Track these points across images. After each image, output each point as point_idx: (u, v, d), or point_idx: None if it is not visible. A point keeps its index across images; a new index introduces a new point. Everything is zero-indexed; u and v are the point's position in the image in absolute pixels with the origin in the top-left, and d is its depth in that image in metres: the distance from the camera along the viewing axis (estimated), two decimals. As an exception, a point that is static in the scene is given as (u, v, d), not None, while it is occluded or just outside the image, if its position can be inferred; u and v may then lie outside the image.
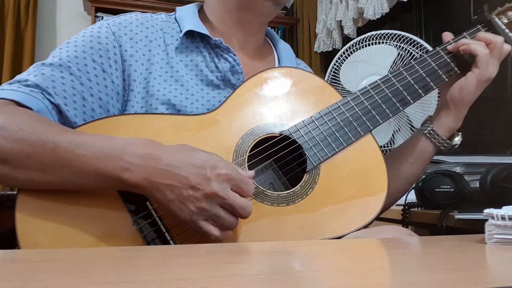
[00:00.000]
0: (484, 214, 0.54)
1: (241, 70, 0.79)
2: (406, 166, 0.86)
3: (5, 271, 0.41)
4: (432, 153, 0.85)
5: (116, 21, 0.78)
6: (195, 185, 0.58)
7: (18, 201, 0.61)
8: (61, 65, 0.71)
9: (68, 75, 0.70)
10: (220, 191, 0.58)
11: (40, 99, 0.67)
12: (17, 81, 0.69)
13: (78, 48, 0.73)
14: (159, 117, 0.71)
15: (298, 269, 0.43)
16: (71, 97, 0.70)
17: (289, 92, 0.76)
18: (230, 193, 0.59)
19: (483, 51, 0.78)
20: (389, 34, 1.39)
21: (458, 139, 0.84)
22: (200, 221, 0.59)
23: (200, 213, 0.59)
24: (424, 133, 0.84)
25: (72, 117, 0.69)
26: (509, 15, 0.86)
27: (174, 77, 0.75)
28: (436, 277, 0.37)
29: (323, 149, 0.72)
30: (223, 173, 0.59)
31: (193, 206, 0.59)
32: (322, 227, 0.67)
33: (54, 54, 0.73)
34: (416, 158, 0.85)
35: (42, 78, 0.68)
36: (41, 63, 0.71)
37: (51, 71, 0.70)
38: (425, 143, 0.84)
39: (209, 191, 0.58)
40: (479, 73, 0.79)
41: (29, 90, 0.67)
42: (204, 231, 0.60)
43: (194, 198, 0.58)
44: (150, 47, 0.77)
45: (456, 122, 0.83)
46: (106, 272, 0.40)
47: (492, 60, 0.79)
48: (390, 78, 0.79)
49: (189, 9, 0.85)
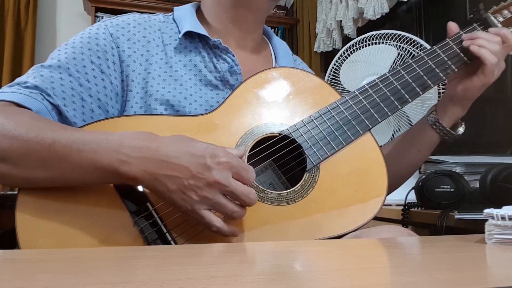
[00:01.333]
0: (484, 214, 0.54)
1: (239, 71, 0.79)
2: (413, 153, 0.89)
3: (5, 271, 0.41)
4: (436, 142, 0.88)
5: (114, 22, 0.78)
6: (196, 174, 0.58)
7: (19, 202, 0.61)
8: (59, 66, 0.71)
9: (67, 76, 0.71)
10: (221, 179, 0.58)
11: (39, 100, 0.67)
12: (16, 84, 0.69)
13: (76, 49, 0.73)
14: (158, 118, 0.71)
15: (298, 269, 0.43)
16: (70, 98, 0.70)
17: (288, 92, 0.76)
18: (232, 181, 0.59)
19: (492, 61, 0.79)
20: (389, 34, 1.39)
21: (462, 129, 0.87)
22: (203, 211, 0.59)
23: (202, 201, 0.59)
24: (430, 124, 0.87)
25: (71, 118, 0.69)
26: (504, 13, 0.86)
27: (174, 77, 0.76)
28: (436, 277, 0.37)
29: (323, 148, 0.72)
30: (223, 161, 0.59)
31: (195, 195, 0.58)
32: (322, 226, 0.67)
33: (52, 56, 0.74)
34: (422, 146, 0.89)
35: (41, 80, 0.69)
36: (40, 65, 0.72)
37: (50, 73, 0.70)
38: (430, 132, 0.87)
39: (211, 179, 0.58)
40: (485, 79, 0.81)
41: (29, 91, 0.67)
42: (206, 221, 0.59)
43: (196, 187, 0.58)
44: (148, 47, 0.77)
45: (461, 113, 0.87)
46: (106, 272, 0.40)
47: (499, 62, 0.80)
48: (388, 77, 0.80)
49: (186, 9, 0.85)
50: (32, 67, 0.73)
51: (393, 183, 0.78)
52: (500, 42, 0.81)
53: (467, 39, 0.82)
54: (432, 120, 0.87)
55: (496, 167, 0.92)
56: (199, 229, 0.62)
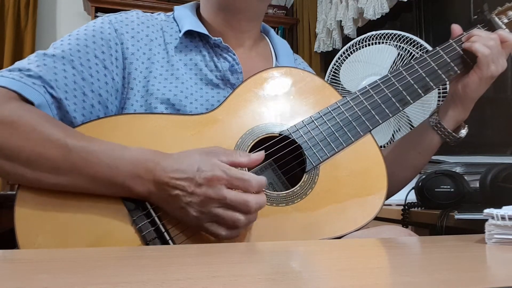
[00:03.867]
0: (484, 214, 0.54)
1: (240, 70, 0.79)
2: (414, 155, 0.88)
3: (5, 271, 0.41)
4: (438, 144, 0.87)
5: (118, 18, 0.77)
6: (191, 192, 0.59)
7: (18, 197, 0.61)
8: (63, 57, 0.70)
9: (71, 69, 0.70)
10: (212, 194, 0.59)
11: (42, 93, 0.66)
12: (18, 69, 0.67)
13: (81, 41, 0.72)
14: (158, 117, 0.71)
15: (298, 269, 0.43)
16: (72, 91, 0.69)
17: (288, 92, 0.76)
18: (225, 193, 0.59)
19: (484, 52, 0.78)
20: (389, 34, 1.39)
21: (464, 131, 0.86)
22: (205, 224, 0.60)
23: (202, 217, 0.60)
24: (431, 126, 0.86)
25: (71, 112, 0.69)
26: (509, 14, 0.86)
27: (175, 75, 0.75)
28: (436, 277, 0.37)
29: (323, 149, 0.72)
30: (211, 176, 0.59)
31: (194, 211, 0.60)
32: (322, 227, 0.67)
33: (55, 45, 0.72)
34: (423, 148, 0.88)
35: (45, 70, 0.67)
36: (42, 52, 0.70)
37: (53, 63, 0.69)
38: (432, 135, 0.86)
39: (202, 196, 0.59)
40: (480, 72, 0.80)
41: (32, 82, 0.66)
42: (211, 233, 0.61)
43: (193, 203, 0.60)
44: (150, 46, 0.77)
45: (463, 114, 0.85)
46: (106, 272, 0.40)
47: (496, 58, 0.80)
48: (390, 78, 0.79)
49: (186, 9, 0.85)
50: (34, 53, 0.71)
51: (393, 186, 0.77)
52: (496, 38, 0.80)
53: (466, 39, 0.82)
54: (434, 122, 0.86)
55: (496, 167, 0.92)
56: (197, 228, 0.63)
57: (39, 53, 0.70)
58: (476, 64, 0.80)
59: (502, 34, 0.81)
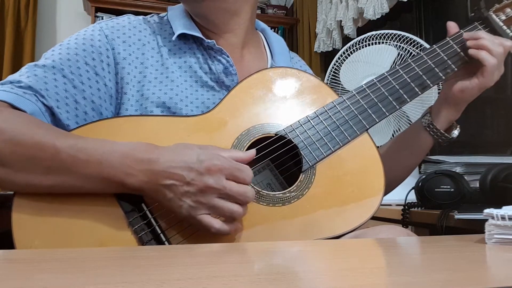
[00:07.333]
0: (484, 214, 0.54)
1: (234, 72, 0.79)
2: (406, 155, 0.89)
3: (5, 271, 0.41)
4: (430, 145, 0.87)
5: (109, 24, 0.78)
6: (189, 181, 0.60)
7: (15, 203, 0.61)
8: (54, 67, 0.71)
9: (61, 78, 0.70)
10: (213, 183, 0.60)
11: (33, 101, 0.66)
12: (9, 82, 0.68)
13: (71, 50, 0.73)
14: (154, 119, 0.71)
15: (297, 269, 0.43)
16: (64, 100, 0.70)
17: (284, 92, 0.76)
18: (225, 183, 0.60)
19: (492, 62, 0.77)
20: (389, 34, 1.39)
21: (456, 131, 0.86)
22: (199, 215, 0.60)
23: (198, 207, 0.60)
24: (423, 126, 0.86)
25: (64, 120, 0.69)
26: (507, 11, 0.85)
27: (170, 78, 0.75)
28: (435, 277, 0.37)
29: (319, 149, 0.72)
30: (212, 165, 0.60)
31: (190, 201, 0.60)
32: (319, 227, 0.67)
33: (46, 55, 0.73)
34: (415, 149, 0.88)
35: (35, 80, 0.68)
36: (33, 64, 0.71)
37: (43, 73, 0.70)
38: (424, 135, 0.86)
39: (203, 184, 0.60)
40: (484, 81, 0.79)
41: (22, 92, 0.67)
42: (204, 224, 0.61)
43: (191, 193, 0.60)
44: (143, 50, 0.76)
45: (455, 115, 0.85)
46: (106, 272, 0.40)
47: (500, 65, 0.79)
48: (386, 76, 0.79)
49: (179, 9, 0.84)
50: (25, 65, 0.72)
51: (386, 185, 0.77)
52: (503, 45, 0.79)
53: (470, 38, 0.81)
54: (426, 122, 0.85)
55: (496, 167, 0.92)
56: (194, 229, 0.63)
57: (30, 65, 0.71)
58: (480, 71, 0.79)
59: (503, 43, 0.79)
